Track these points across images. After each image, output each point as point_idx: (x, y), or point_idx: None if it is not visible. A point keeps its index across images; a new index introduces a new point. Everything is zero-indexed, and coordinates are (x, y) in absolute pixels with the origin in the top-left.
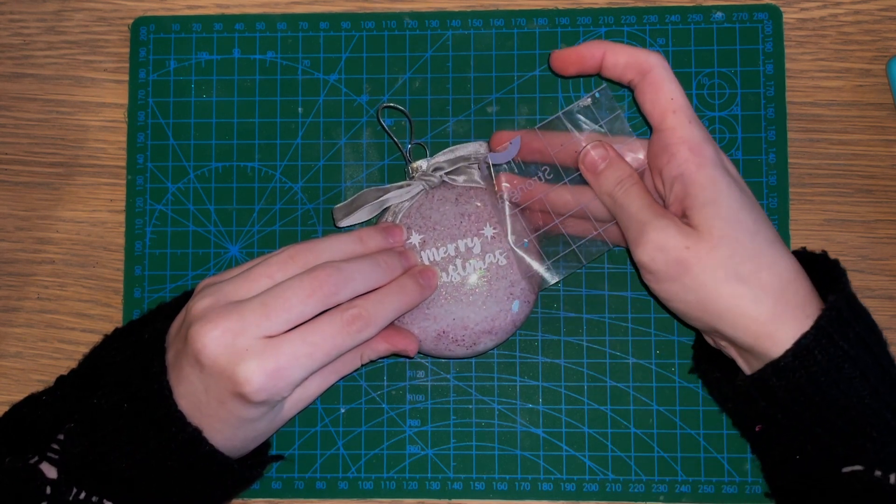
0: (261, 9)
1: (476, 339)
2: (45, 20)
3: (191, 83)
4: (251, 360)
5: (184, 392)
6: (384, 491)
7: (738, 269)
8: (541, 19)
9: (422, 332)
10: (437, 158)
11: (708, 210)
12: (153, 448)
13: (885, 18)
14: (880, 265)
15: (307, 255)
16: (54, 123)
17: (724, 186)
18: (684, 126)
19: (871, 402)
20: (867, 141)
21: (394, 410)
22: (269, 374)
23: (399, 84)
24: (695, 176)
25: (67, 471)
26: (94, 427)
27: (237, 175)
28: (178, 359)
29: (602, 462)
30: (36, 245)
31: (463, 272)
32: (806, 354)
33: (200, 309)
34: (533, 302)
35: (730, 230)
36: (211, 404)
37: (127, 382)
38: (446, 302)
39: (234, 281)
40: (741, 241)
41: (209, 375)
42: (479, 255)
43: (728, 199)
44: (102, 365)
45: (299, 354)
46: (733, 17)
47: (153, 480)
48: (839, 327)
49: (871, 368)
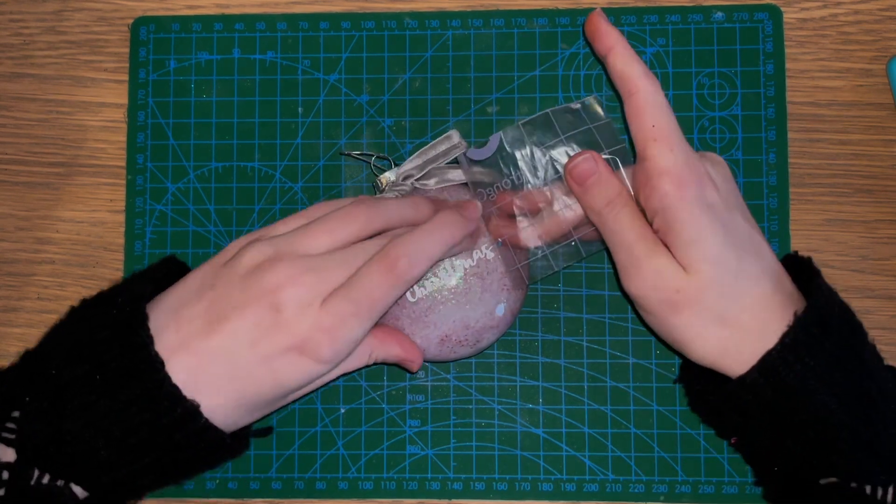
0: (261, 9)
1: (479, 336)
2: (45, 20)
3: (191, 83)
4: (322, 316)
5: (209, 352)
6: (384, 491)
7: (722, 314)
8: (541, 19)
9: (424, 341)
10: (406, 166)
11: (692, 251)
12: (137, 424)
13: (885, 18)
14: (880, 265)
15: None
16: (54, 123)
17: (706, 223)
18: (665, 156)
19: (840, 415)
20: (867, 141)
21: (394, 410)
22: (326, 331)
23: (399, 84)
24: (677, 211)
25: (26, 452)
26: (60, 403)
27: (237, 175)
28: (216, 311)
29: (602, 462)
30: (36, 245)
31: (454, 273)
32: (770, 371)
33: (262, 258)
34: (527, 288)
35: (715, 273)
36: (249, 363)
37: (100, 353)
38: (443, 306)
39: (295, 235)
40: (725, 284)
41: (274, 326)
42: (465, 253)
43: (712, 238)
44: (67, 336)
45: (346, 314)
46: (733, 17)
47: (133, 459)
48: (806, 343)
49: (840, 382)
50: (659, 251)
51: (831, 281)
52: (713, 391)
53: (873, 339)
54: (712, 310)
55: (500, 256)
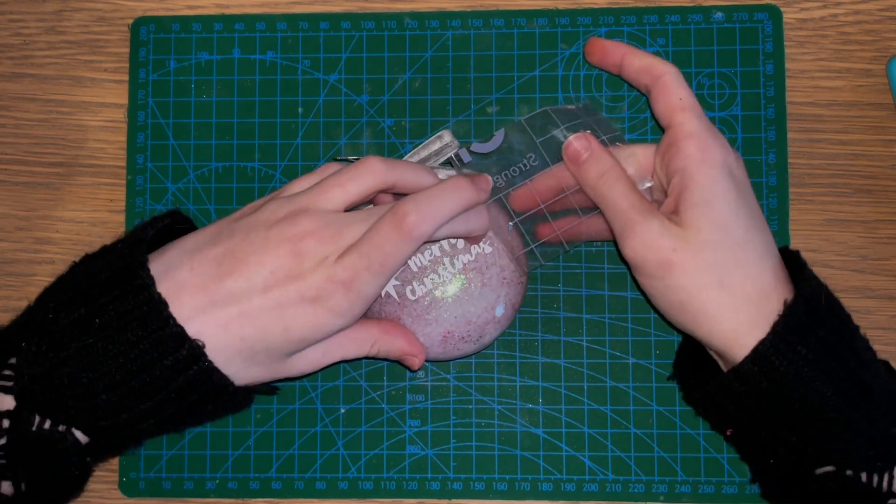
0: (261, 9)
1: (481, 332)
2: (45, 20)
3: (191, 83)
4: (338, 269)
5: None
6: (384, 491)
7: (721, 277)
8: (541, 19)
9: (427, 339)
10: None
11: (700, 210)
12: (138, 367)
13: (885, 18)
14: (880, 265)
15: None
16: (54, 123)
17: (721, 189)
18: (692, 122)
19: (835, 402)
20: (867, 141)
21: (394, 411)
22: (341, 283)
23: (399, 84)
24: (695, 172)
25: (25, 398)
26: (59, 346)
27: (237, 175)
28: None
29: (602, 462)
30: (36, 245)
31: (453, 269)
32: (764, 360)
33: (283, 212)
34: (526, 283)
35: (717, 235)
36: (261, 308)
37: (98, 296)
38: (444, 302)
39: (311, 192)
40: (727, 248)
41: (291, 275)
42: (463, 248)
43: (722, 203)
44: (66, 284)
45: (359, 268)
46: (733, 17)
47: (133, 403)
48: (797, 331)
49: (834, 369)
50: (653, 215)
51: (831, 281)
52: (707, 382)
53: (865, 332)
54: (711, 271)
55: (501, 248)
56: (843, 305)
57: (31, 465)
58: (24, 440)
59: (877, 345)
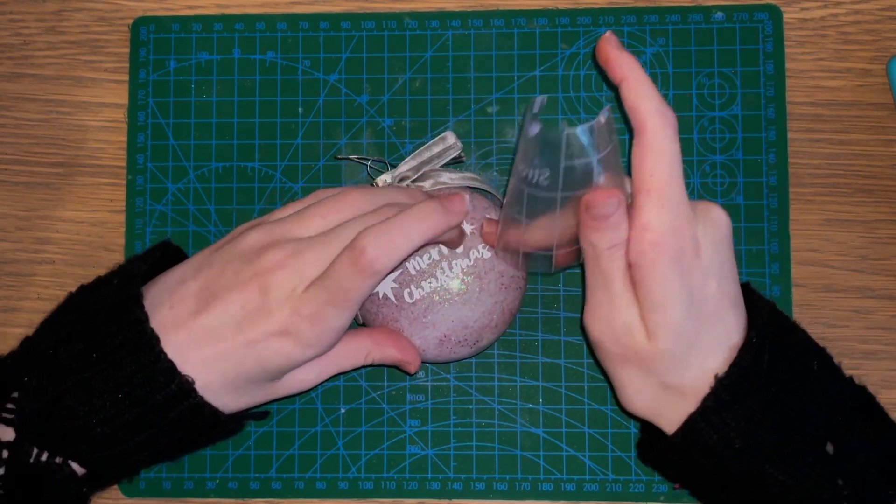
0: (261, 9)
1: (479, 336)
2: (45, 20)
3: (191, 83)
4: (303, 302)
5: (199, 330)
6: (384, 491)
7: (666, 380)
8: (541, 19)
9: (424, 342)
10: (402, 168)
11: (656, 315)
12: (132, 401)
13: (885, 18)
14: (880, 265)
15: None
16: (54, 123)
17: (673, 291)
18: (652, 212)
19: (770, 471)
20: (867, 141)
21: (394, 410)
22: (306, 318)
23: (399, 84)
24: (648, 271)
25: (25, 430)
26: (58, 380)
27: (237, 175)
28: (209, 291)
29: (602, 462)
30: (36, 245)
31: (451, 273)
32: (693, 433)
33: (258, 242)
34: (524, 288)
35: (671, 343)
36: (235, 345)
37: (95, 331)
38: (441, 306)
39: (290, 220)
40: (678, 354)
41: (259, 309)
42: (462, 253)
43: (675, 307)
44: (64, 318)
45: (322, 302)
46: (733, 17)
47: (128, 436)
48: (727, 403)
49: (767, 437)
50: (634, 307)
51: (831, 281)
52: (653, 444)
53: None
54: (659, 375)
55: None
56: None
57: (29, 496)
58: (23, 471)
59: (877, 345)
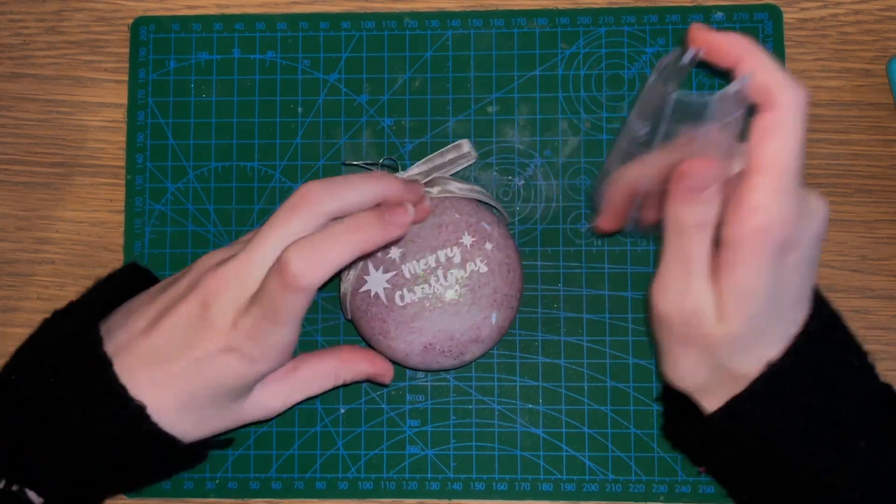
0: (261, 9)
1: (463, 349)
2: (45, 20)
3: (190, 83)
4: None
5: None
6: (384, 491)
7: (723, 364)
8: (541, 19)
9: (408, 346)
10: (412, 171)
11: (737, 303)
12: (86, 428)
13: (885, 18)
14: (880, 265)
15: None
16: (54, 123)
17: (765, 281)
18: (768, 194)
19: (806, 458)
20: (867, 141)
21: (394, 411)
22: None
23: (399, 84)
24: (745, 257)
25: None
26: (14, 408)
27: (237, 175)
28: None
29: (602, 462)
30: (36, 245)
31: (445, 282)
32: (736, 415)
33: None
34: (517, 308)
35: (744, 331)
36: (181, 364)
37: (52, 359)
38: (431, 314)
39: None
40: (746, 342)
41: (203, 327)
42: (459, 264)
43: (759, 298)
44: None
45: (258, 318)
46: (733, 17)
47: (82, 464)
48: (774, 390)
49: (806, 426)
50: (709, 290)
51: (831, 280)
52: (685, 421)
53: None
54: (718, 357)
55: (497, 270)
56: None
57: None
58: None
59: (877, 345)
